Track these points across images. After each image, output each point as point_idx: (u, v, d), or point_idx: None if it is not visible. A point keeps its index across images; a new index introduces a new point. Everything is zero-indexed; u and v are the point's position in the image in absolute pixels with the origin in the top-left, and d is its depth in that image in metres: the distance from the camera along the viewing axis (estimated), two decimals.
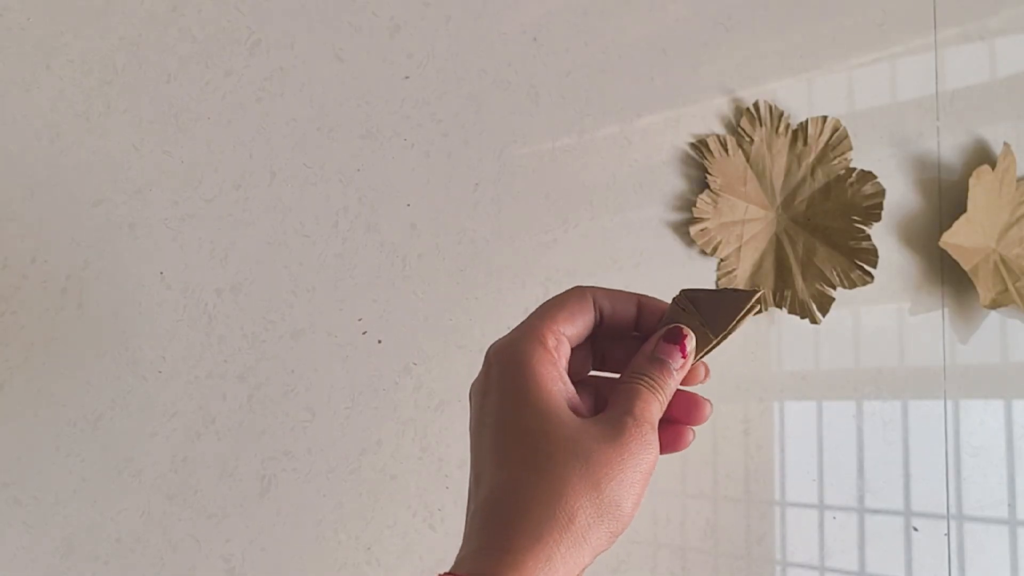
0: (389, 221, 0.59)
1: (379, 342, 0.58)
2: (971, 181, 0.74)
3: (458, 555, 0.30)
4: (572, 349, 0.34)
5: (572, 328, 0.34)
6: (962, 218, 0.73)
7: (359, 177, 0.58)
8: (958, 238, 0.73)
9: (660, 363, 0.34)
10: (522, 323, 0.34)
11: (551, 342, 0.33)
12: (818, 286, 0.70)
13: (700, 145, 0.68)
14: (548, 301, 0.34)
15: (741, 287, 0.69)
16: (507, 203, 0.62)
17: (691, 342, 0.34)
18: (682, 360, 0.34)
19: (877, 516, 0.72)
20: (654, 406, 0.33)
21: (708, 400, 0.36)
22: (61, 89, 0.52)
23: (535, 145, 0.63)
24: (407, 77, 0.60)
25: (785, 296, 0.69)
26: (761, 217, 0.70)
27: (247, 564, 0.54)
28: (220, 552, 0.53)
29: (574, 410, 0.32)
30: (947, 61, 0.78)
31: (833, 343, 0.72)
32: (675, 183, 0.68)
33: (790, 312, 0.70)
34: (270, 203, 0.56)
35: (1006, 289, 0.76)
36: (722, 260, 0.68)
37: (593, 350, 0.37)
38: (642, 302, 0.35)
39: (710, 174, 0.68)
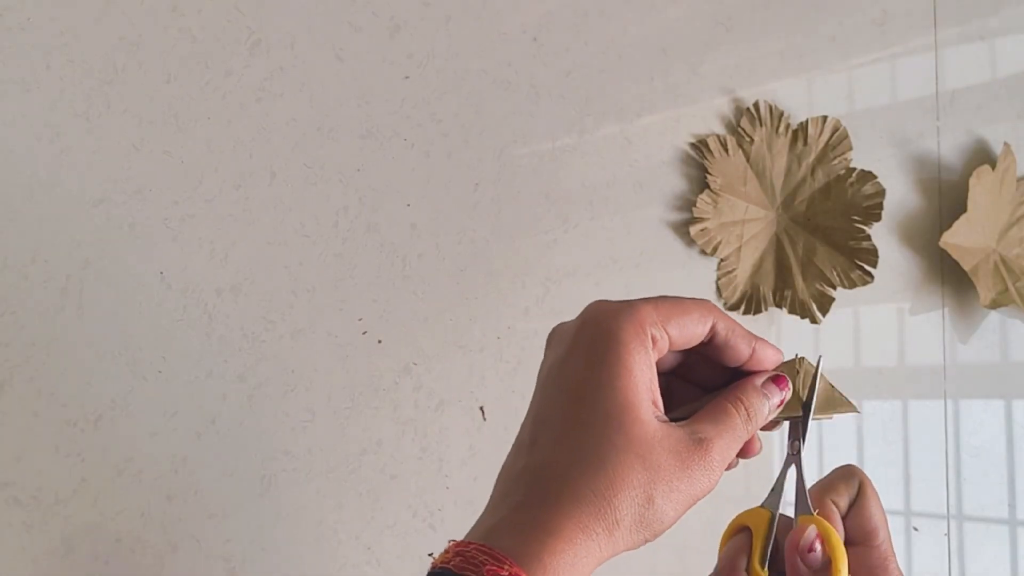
0: (389, 221, 0.59)
1: (379, 342, 0.58)
2: (971, 181, 0.74)
3: (490, 517, 0.30)
4: (670, 350, 0.34)
5: (680, 332, 0.33)
6: (962, 218, 0.73)
7: (359, 177, 0.58)
8: (958, 238, 0.73)
9: (762, 396, 0.34)
10: (636, 300, 0.32)
11: (652, 333, 0.31)
12: (818, 286, 0.70)
13: (700, 145, 0.68)
14: (672, 297, 0.33)
15: (741, 287, 0.69)
16: (507, 203, 0.62)
17: (788, 394, 0.35)
18: (778, 405, 0.35)
19: None
20: (736, 443, 0.33)
21: (761, 441, 0.36)
22: (61, 89, 0.52)
23: (535, 145, 0.63)
24: (407, 77, 0.60)
25: (785, 296, 0.69)
26: (761, 217, 0.70)
27: (247, 564, 0.54)
28: (220, 552, 0.53)
29: (655, 408, 0.31)
30: (947, 61, 0.78)
31: (833, 343, 0.72)
32: (675, 183, 0.68)
33: (790, 312, 0.70)
34: (270, 203, 0.56)
35: (1006, 289, 0.76)
36: (722, 260, 0.68)
37: (683, 359, 0.36)
38: (757, 346, 0.35)
39: (710, 174, 0.68)
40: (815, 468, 0.71)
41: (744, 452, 0.34)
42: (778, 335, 0.70)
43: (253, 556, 0.54)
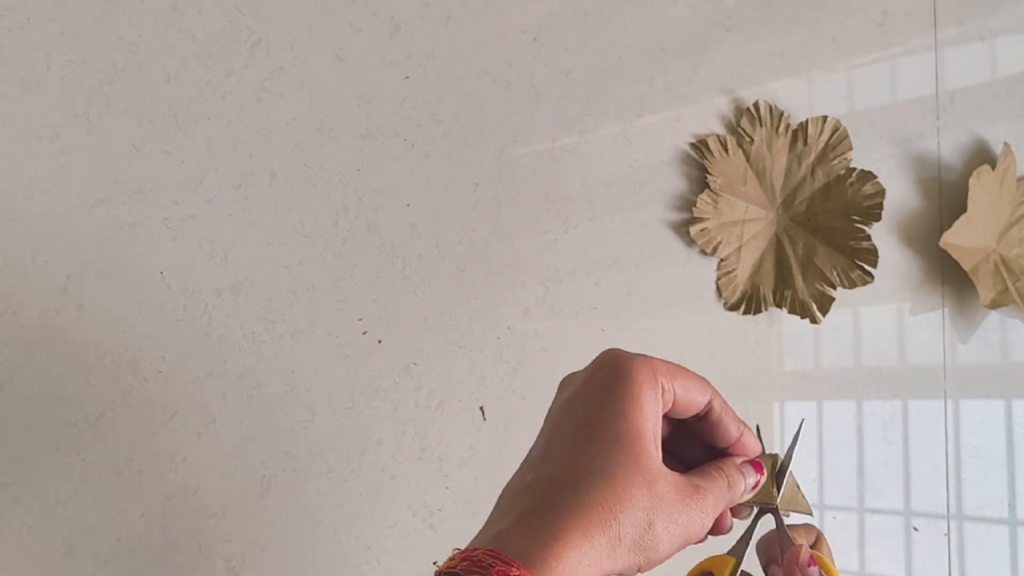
0: (389, 221, 0.59)
1: (379, 342, 0.58)
2: (971, 181, 0.74)
3: (495, 525, 0.30)
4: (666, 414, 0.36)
5: (683, 394, 0.35)
6: (962, 218, 0.73)
7: (359, 177, 0.58)
8: (958, 238, 0.73)
9: (740, 472, 0.37)
10: (652, 357, 0.35)
11: (664, 382, 0.34)
12: (818, 286, 0.70)
13: (700, 145, 0.68)
14: (683, 367, 0.36)
15: (741, 287, 0.69)
16: (507, 203, 0.62)
17: (763, 480, 0.38)
18: (752, 488, 0.38)
19: (877, 516, 0.72)
20: (722, 494, 0.35)
21: (731, 524, 0.38)
22: (61, 89, 0.52)
23: (535, 145, 0.63)
24: (407, 77, 0.60)
25: (785, 296, 0.69)
26: (761, 217, 0.70)
27: (247, 564, 0.54)
28: (220, 552, 0.53)
29: (658, 445, 0.33)
30: (947, 61, 0.78)
31: (833, 343, 0.72)
32: (675, 183, 0.68)
33: (790, 312, 0.70)
34: (270, 203, 0.56)
35: (1006, 289, 0.76)
36: (722, 260, 0.68)
37: (672, 431, 0.39)
38: (744, 434, 0.38)
39: (710, 174, 0.68)
40: (816, 467, 0.71)
41: (716, 526, 0.36)
42: (778, 335, 0.70)
43: (253, 556, 0.54)
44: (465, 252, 0.61)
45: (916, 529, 0.73)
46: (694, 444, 0.38)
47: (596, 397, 0.33)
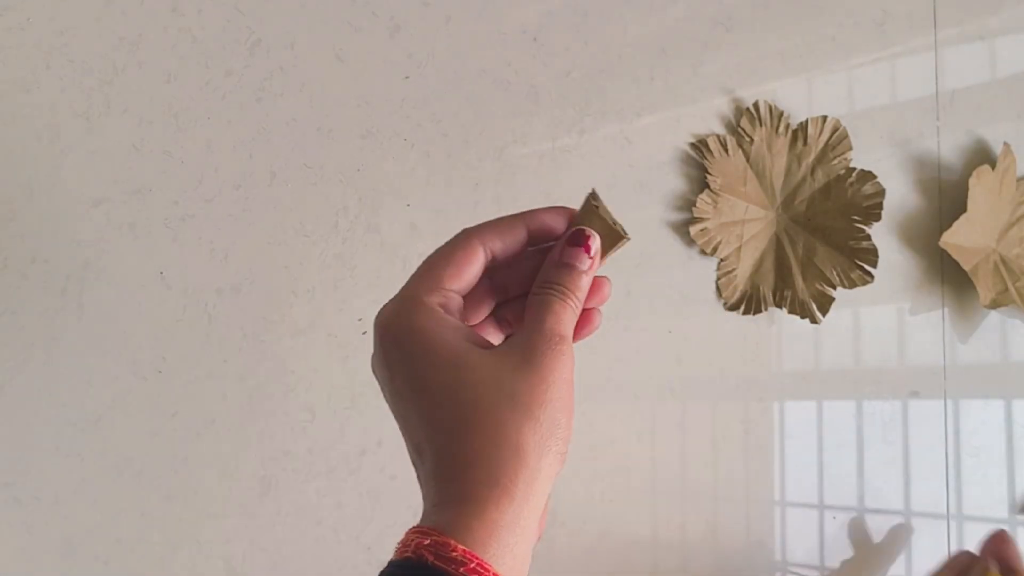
0: (389, 221, 0.59)
1: None
2: (971, 181, 0.74)
3: (421, 517, 0.30)
4: (465, 295, 0.34)
5: (459, 282, 0.33)
6: (962, 218, 0.73)
7: (359, 177, 0.58)
8: (958, 238, 0.73)
9: (568, 268, 0.33)
10: (405, 286, 0.33)
11: (436, 299, 0.32)
12: (818, 286, 0.70)
13: (700, 145, 0.68)
14: (433, 256, 0.33)
15: (741, 287, 0.69)
16: (507, 203, 0.62)
17: (595, 241, 0.34)
18: (589, 261, 0.34)
19: (877, 516, 0.72)
20: (565, 315, 0.32)
21: (607, 278, 0.35)
22: (61, 89, 0.52)
23: (535, 145, 0.63)
24: (407, 77, 0.60)
25: (785, 296, 0.69)
26: (761, 217, 0.70)
27: (247, 564, 0.54)
28: (220, 552, 0.53)
29: (482, 346, 0.31)
30: (947, 61, 0.78)
31: (833, 343, 0.72)
32: (675, 183, 0.68)
33: (790, 312, 0.70)
34: (270, 203, 0.56)
35: (1006, 289, 0.76)
36: (722, 260, 0.68)
37: (493, 283, 0.36)
38: (529, 224, 0.34)
39: (710, 174, 0.68)
40: (816, 467, 0.71)
41: (584, 330, 0.34)
42: (778, 335, 0.70)
43: (253, 556, 0.54)
44: None
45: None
46: (521, 264, 0.35)
47: (401, 368, 0.31)
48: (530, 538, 0.29)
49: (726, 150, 0.69)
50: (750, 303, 0.69)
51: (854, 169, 0.71)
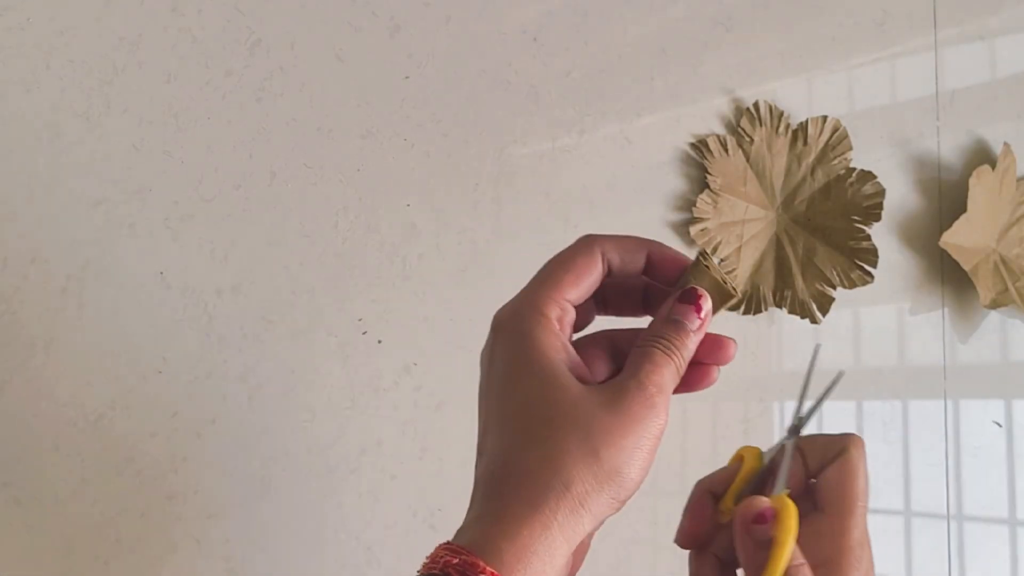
0: (389, 221, 0.59)
1: (379, 342, 0.58)
2: (971, 181, 0.74)
3: (460, 526, 0.30)
4: (578, 306, 0.33)
5: (576, 292, 0.33)
6: (962, 218, 0.73)
7: (359, 177, 0.58)
8: (958, 238, 0.73)
9: (676, 324, 0.33)
10: (526, 288, 0.33)
11: (554, 312, 0.32)
12: (818, 286, 0.70)
13: (700, 145, 0.68)
14: (554, 260, 0.33)
15: (740, 287, 0.69)
16: (507, 203, 0.62)
17: (707, 303, 0.33)
18: (699, 321, 0.33)
19: (877, 516, 0.72)
20: (667, 370, 0.31)
21: (732, 339, 0.35)
22: (61, 89, 0.52)
23: (535, 145, 0.63)
24: (407, 77, 0.60)
25: (785, 296, 0.69)
26: (761, 217, 0.70)
27: (247, 564, 0.54)
28: (220, 552, 0.53)
29: (581, 378, 0.31)
30: (947, 61, 0.78)
31: (833, 343, 0.72)
32: (675, 183, 0.68)
33: (790, 312, 0.70)
34: (270, 203, 0.56)
35: (1006, 289, 0.76)
36: (722, 260, 0.68)
37: (595, 296, 0.35)
38: (652, 251, 0.34)
39: (710, 174, 0.68)
40: None
41: (692, 385, 0.34)
42: (778, 335, 0.70)
43: (253, 556, 0.54)
44: (465, 252, 0.61)
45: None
46: (630, 292, 0.35)
47: (501, 367, 0.31)
48: (560, 570, 0.29)
49: (726, 150, 0.69)
50: (750, 303, 0.69)
51: (854, 169, 0.71)
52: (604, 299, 0.36)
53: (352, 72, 0.59)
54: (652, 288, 0.35)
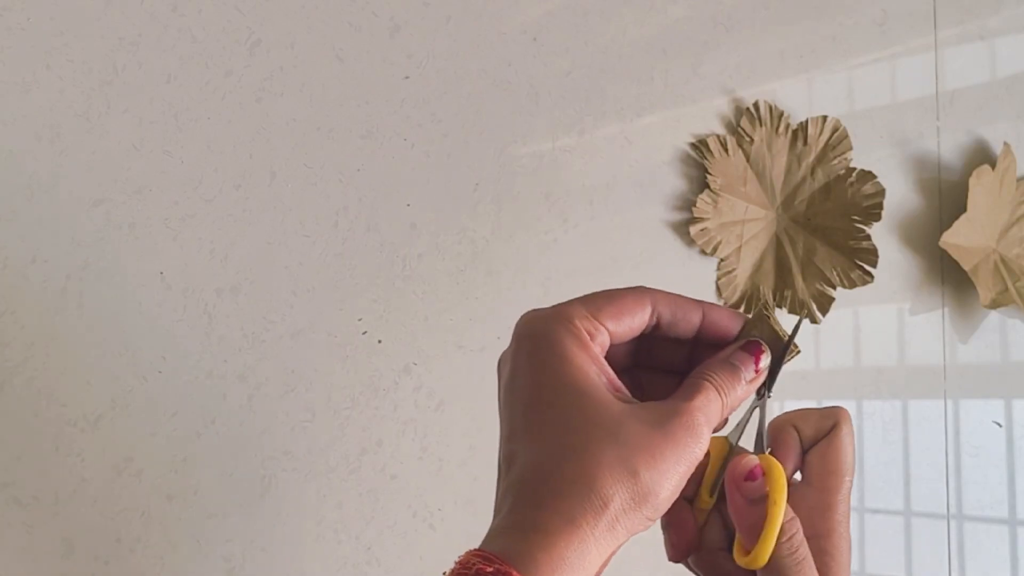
0: (389, 221, 0.59)
1: (379, 342, 0.58)
2: (971, 181, 0.74)
3: (487, 533, 0.29)
4: (615, 343, 0.33)
5: (617, 325, 0.32)
6: (962, 218, 0.73)
7: (359, 177, 0.58)
8: (958, 238, 0.73)
9: (732, 368, 0.33)
10: (563, 303, 0.33)
11: (585, 327, 0.31)
12: (818, 286, 0.70)
13: (700, 145, 0.68)
14: (603, 291, 0.33)
15: (741, 287, 0.69)
16: (507, 203, 0.62)
17: (766, 359, 0.34)
18: (755, 373, 0.33)
19: (877, 516, 0.72)
20: (715, 404, 0.31)
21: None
22: (61, 89, 0.52)
23: (535, 145, 0.63)
24: (407, 77, 0.60)
25: (785, 296, 0.69)
26: (761, 217, 0.70)
27: (247, 564, 0.54)
28: (220, 552, 0.53)
29: (615, 392, 0.31)
30: (947, 61, 0.78)
31: (833, 343, 0.72)
32: (675, 183, 0.68)
33: (790, 312, 0.70)
34: (270, 203, 0.56)
35: (1006, 289, 0.76)
36: (722, 260, 0.68)
37: (638, 346, 0.35)
38: (707, 311, 0.34)
39: (710, 174, 0.68)
40: None
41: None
42: None
43: (253, 556, 0.54)
44: (465, 252, 0.61)
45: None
46: (675, 347, 0.35)
47: (529, 377, 0.31)
48: None
49: (726, 150, 0.69)
50: (750, 303, 0.69)
51: (854, 169, 0.71)
52: (648, 353, 0.36)
53: (352, 72, 0.59)
54: (698, 350, 0.35)
